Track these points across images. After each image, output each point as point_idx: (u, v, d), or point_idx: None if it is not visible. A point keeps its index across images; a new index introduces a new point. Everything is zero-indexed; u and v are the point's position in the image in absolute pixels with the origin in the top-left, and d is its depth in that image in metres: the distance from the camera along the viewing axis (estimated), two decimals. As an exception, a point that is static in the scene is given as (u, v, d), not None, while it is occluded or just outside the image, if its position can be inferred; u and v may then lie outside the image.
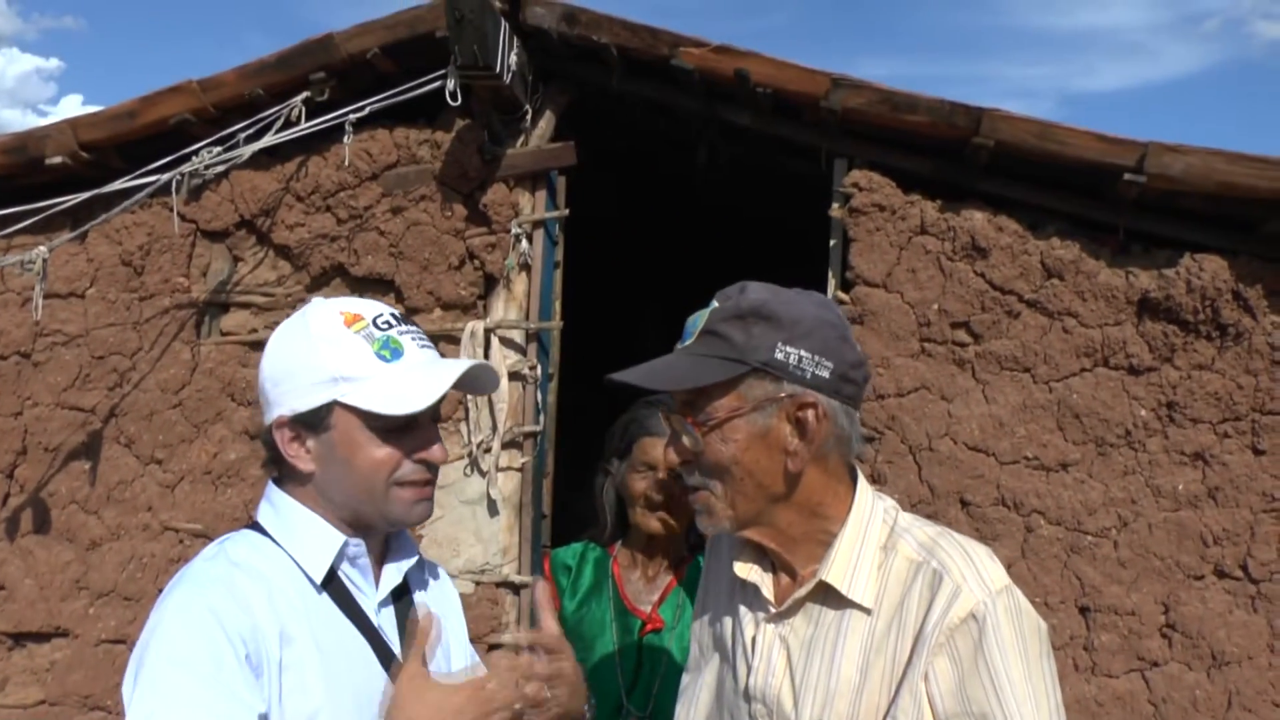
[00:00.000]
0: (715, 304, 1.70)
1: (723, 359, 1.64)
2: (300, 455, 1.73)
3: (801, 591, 1.71)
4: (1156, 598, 3.96)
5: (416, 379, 1.72)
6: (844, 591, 1.68)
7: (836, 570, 1.68)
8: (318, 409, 1.70)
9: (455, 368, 1.76)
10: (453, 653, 1.95)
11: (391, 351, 1.73)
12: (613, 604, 2.86)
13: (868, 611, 1.67)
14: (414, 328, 1.80)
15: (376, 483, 1.72)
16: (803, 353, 1.64)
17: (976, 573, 1.63)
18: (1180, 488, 3.97)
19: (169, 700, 1.52)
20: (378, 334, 1.74)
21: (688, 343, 1.70)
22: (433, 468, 1.78)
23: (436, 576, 2.02)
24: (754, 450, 1.66)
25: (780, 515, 1.71)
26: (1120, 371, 4.04)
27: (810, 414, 1.64)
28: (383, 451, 1.72)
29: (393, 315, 1.79)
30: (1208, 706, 3.88)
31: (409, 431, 1.74)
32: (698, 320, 1.70)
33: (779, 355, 1.63)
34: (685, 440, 1.69)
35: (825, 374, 1.65)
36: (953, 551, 1.67)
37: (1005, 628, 1.59)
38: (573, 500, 4.81)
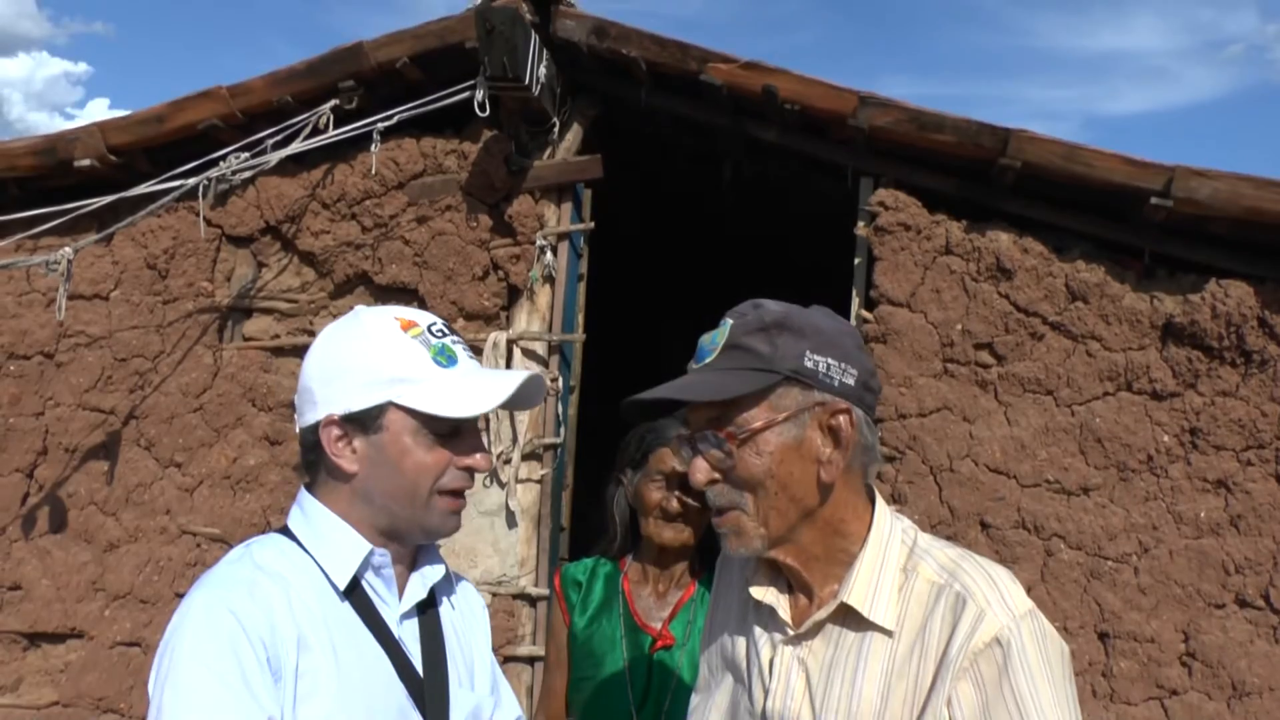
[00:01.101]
0: (730, 321, 1.68)
1: (753, 370, 1.62)
2: (345, 455, 1.72)
3: (822, 614, 1.68)
4: (1177, 625, 3.93)
5: (473, 384, 1.73)
6: (866, 614, 1.65)
7: (858, 592, 1.66)
8: (370, 409, 1.70)
9: (514, 377, 1.77)
10: (476, 669, 1.95)
11: (447, 358, 1.74)
12: (623, 620, 2.83)
13: (889, 634, 1.65)
14: (461, 339, 1.82)
15: (421, 488, 1.72)
16: (830, 360, 1.63)
17: (1000, 596, 1.61)
18: (1202, 515, 3.94)
19: (190, 698, 1.53)
20: (433, 340, 1.75)
21: (708, 360, 1.67)
22: (473, 476, 1.79)
23: (463, 590, 2.01)
24: (788, 461, 1.64)
25: (806, 533, 1.69)
26: (1143, 396, 4.02)
27: (843, 420, 1.63)
28: (430, 456, 1.72)
29: (445, 325, 1.81)
30: (1227, 736, 3.85)
31: (456, 438, 1.74)
32: (715, 338, 1.68)
33: (808, 363, 1.62)
34: (715, 454, 1.66)
35: (851, 381, 1.64)
36: (976, 575, 1.65)
37: (1031, 652, 1.57)
38: (590, 513, 4.82)
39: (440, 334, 1.77)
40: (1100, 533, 4.01)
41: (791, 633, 1.72)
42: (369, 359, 1.71)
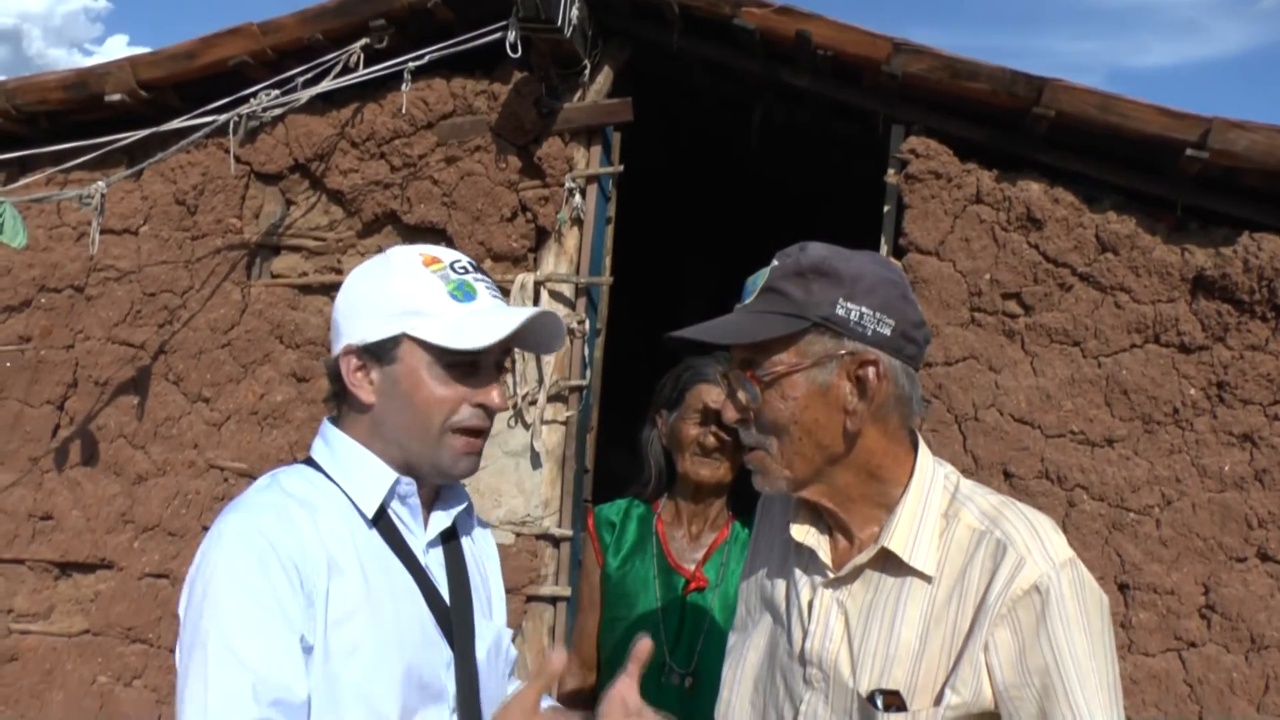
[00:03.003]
0: (775, 263, 1.69)
1: (783, 315, 1.63)
2: (363, 385, 1.75)
3: (863, 557, 1.69)
4: (1197, 578, 3.94)
5: (484, 319, 1.75)
6: (906, 559, 1.66)
7: (899, 537, 1.67)
8: (385, 340, 1.73)
9: (521, 311, 1.78)
10: (494, 599, 1.97)
11: (464, 293, 1.76)
12: (656, 561, 2.84)
13: (929, 579, 1.66)
14: (487, 278, 1.83)
15: (433, 423, 1.74)
16: (864, 309, 1.62)
17: (1041, 544, 1.61)
18: (1226, 468, 3.94)
19: (228, 617, 1.56)
20: (454, 276, 1.77)
21: (748, 301, 1.68)
22: (490, 415, 1.79)
23: (482, 526, 2.04)
24: (813, 408, 1.65)
25: (838, 476, 1.70)
26: (1171, 349, 4.01)
27: (871, 371, 1.63)
28: (444, 390, 1.74)
29: (470, 263, 1.82)
30: (1244, 690, 3.87)
31: (471, 375, 1.75)
32: (758, 279, 1.69)
33: (839, 311, 1.62)
34: (743, 395, 1.68)
35: (886, 331, 1.63)
36: (1017, 522, 1.65)
37: (1069, 601, 1.58)
38: (610, 455, 4.84)
39: (463, 270, 1.78)
40: (1123, 484, 4.02)
41: (831, 575, 1.73)
42: (387, 291, 1.75)
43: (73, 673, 4.80)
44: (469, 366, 1.75)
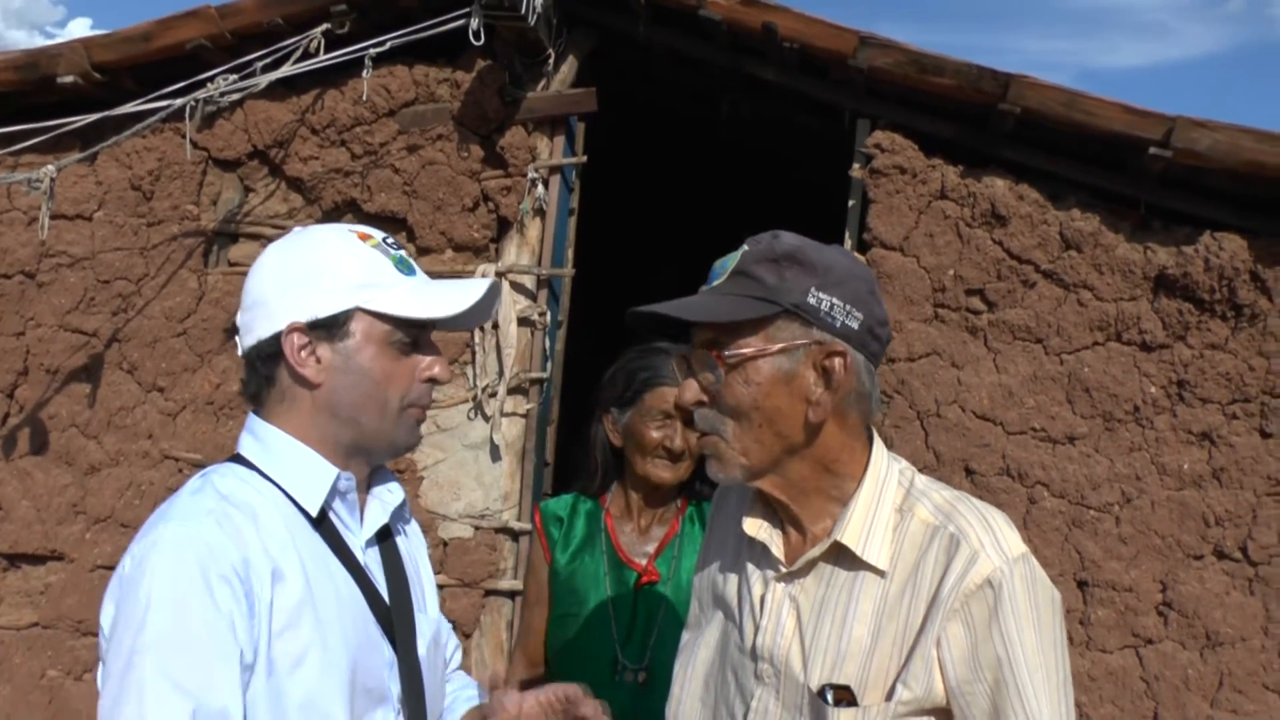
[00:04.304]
0: (746, 247, 1.66)
1: (754, 298, 1.61)
2: (309, 365, 1.66)
3: (815, 551, 1.67)
4: (1155, 575, 3.97)
5: (437, 290, 1.72)
6: (859, 553, 1.64)
7: (851, 531, 1.65)
8: (337, 314, 1.66)
9: (477, 284, 1.75)
10: (427, 592, 1.92)
11: (408, 268, 1.73)
12: (606, 557, 2.80)
13: (881, 574, 1.64)
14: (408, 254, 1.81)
15: (391, 398, 1.69)
16: (835, 300, 1.61)
17: (994, 539, 1.60)
18: (1185, 467, 3.96)
19: (162, 640, 1.48)
20: (391, 251, 1.73)
21: (716, 283, 1.66)
22: (432, 391, 1.77)
23: (410, 518, 1.97)
24: (776, 395, 1.62)
25: (794, 467, 1.67)
26: (1133, 347, 4.03)
27: (838, 362, 1.61)
28: (399, 364, 1.69)
29: (395, 240, 1.79)
30: (1199, 686, 3.89)
31: (416, 348, 1.72)
32: (727, 262, 1.67)
33: (810, 300, 1.60)
34: (707, 376, 1.65)
35: (854, 325, 1.62)
36: (970, 516, 1.64)
37: (1021, 596, 1.57)
38: (573, 449, 4.81)
39: (396, 246, 1.75)
40: (1084, 482, 4.03)
41: (784, 570, 1.71)
42: (333, 265, 1.68)
43: (21, 666, 4.72)
44: (414, 342, 1.71)
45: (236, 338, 1.74)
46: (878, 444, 1.73)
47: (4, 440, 4.80)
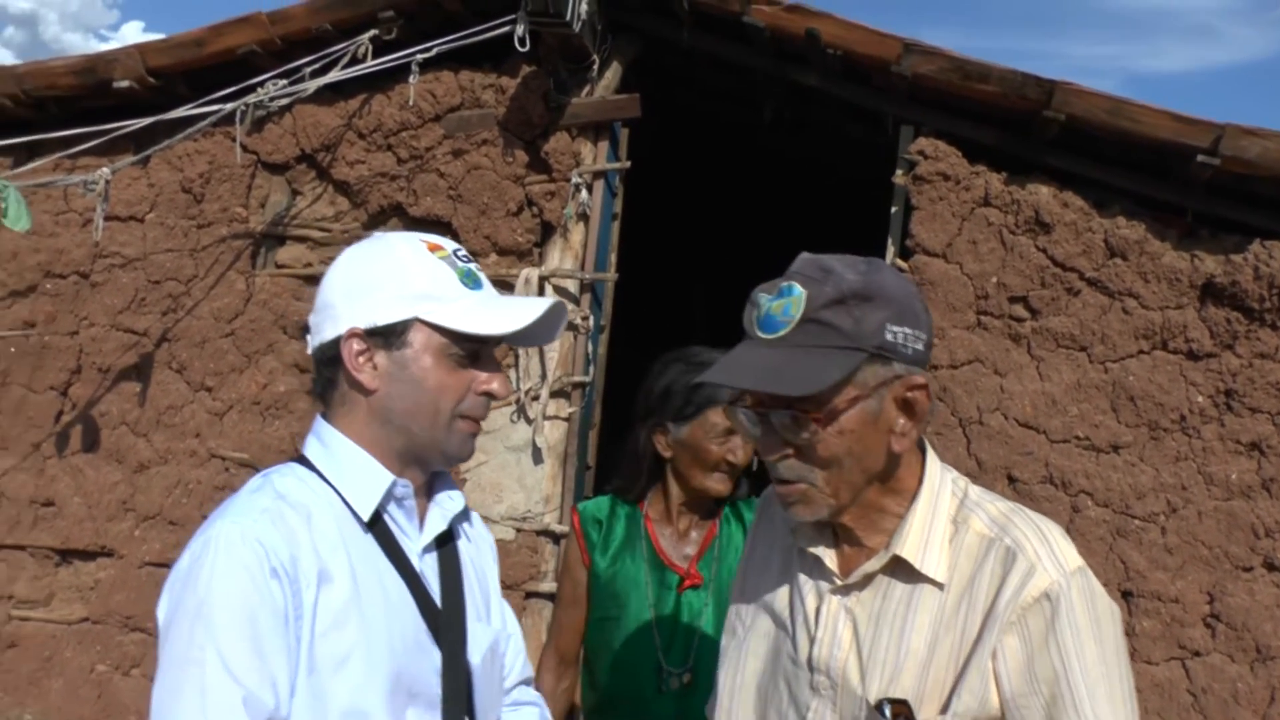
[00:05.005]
0: (802, 289, 1.59)
1: (839, 349, 1.56)
2: (365, 370, 1.70)
3: (873, 564, 1.66)
4: (1202, 587, 3.91)
5: (499, 307, 1.73)
6: (917, 566, 1.63)
7: (910, 544, 1.64)
8: (395, 324, 1.68)
9: (539, 302, 1.76)
10: (492, 601, 1.95)
11: (473, 281, 1.74)
12: (647, 560, 2.81)
13: (939, 586, 1.63)
14: (480, 268, 1.81)
15: (444, 408, 1.70)
16: (906, 329, 1.58)
17: (1051, 551, 1.59)
18: (1234, 477, 3.91)
19: (220, 634, 1.53)
20: (459, 264, 1.74)
21: (783, 332, 1.59)
22: (489, 405, 1.78)
23: (482, 527, 2.00)
24: (866, 437, 1.60)
25: (866, 495, 1.67)
26: (1179, 356, 3.98)
27: (920, 395, 1.59)
28: (454, 377, 1.70)
29: (468, 253, 1.81)
30: (1249, 700, 3.83)
31: (476, 362, 1.73)
32: (789, 308, 1.59)
33: (889, 336, 1.56)
34: (800, 435, 1.60)
35: (921, 347, 1.60)
36: (1026, 529, 1.62)
37: (1079, 609, 1.55)
38: (613, 452, 4.82)
39: (465, 259, 1.76)
40: (1128, 491, 3.99)
41: (839, 582, 1.70)
42: (397, 274, 1.70)
43: (71, 660, 4.80)
44: (473, 355, 1.72)
45: (308, 337, 1.78)
46: (931, 455, 1.72)
47: (57, 437, 4.90)
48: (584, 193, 4.46)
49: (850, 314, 1.56)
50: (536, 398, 4.46)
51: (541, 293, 4.47)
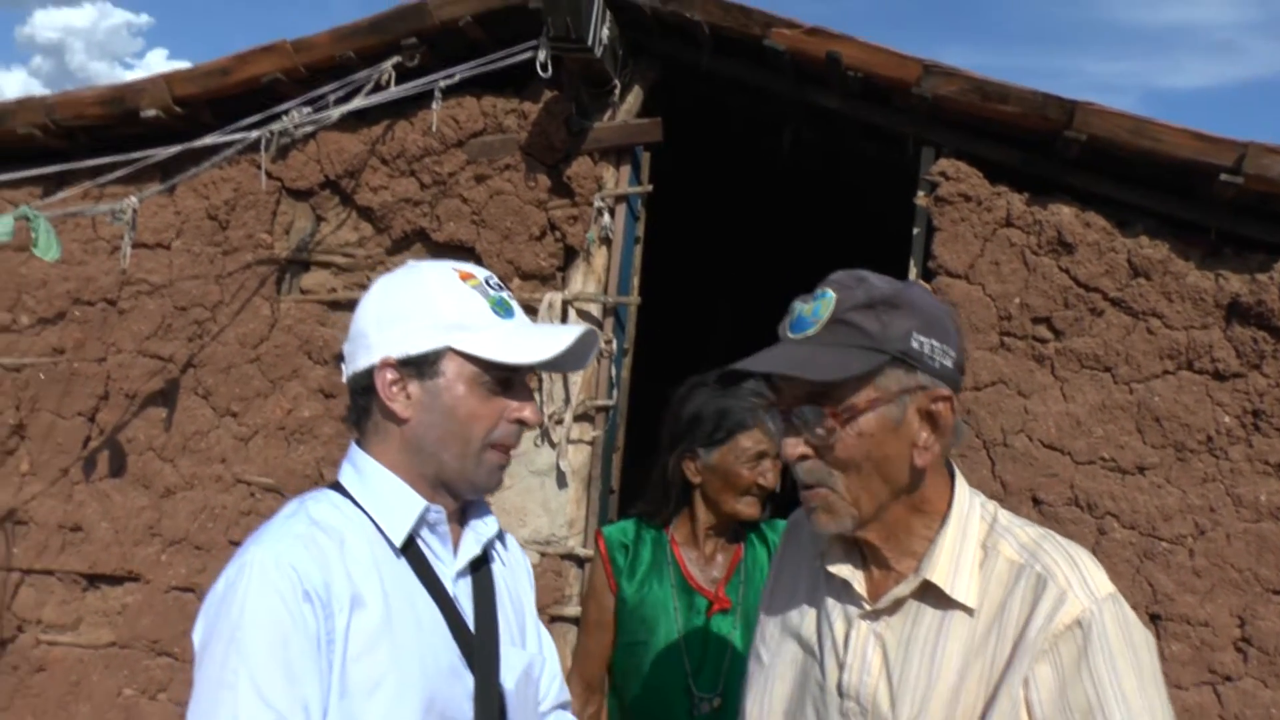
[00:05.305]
0: (833, 293, 1.63)
1: (862, 348, 1.58)
2: (399, 400, 1.72)
3: (903, 589, 1.66)
4: (1232, 610, 3.87)
5: (531, 335, 1.75)
6: (948, 591, 1.63)
7: (941, 569, 1.64)
8: (428, 353, 1.70)
9: (571, 329, 1.77)
10: (527, 625, 1.95)
11: (505, 310, 1.76)
12: (675, 584, 2.82)
13: (970, 612, 1.63)
14: (513, 295, 1.83)
15: (474, 437, 1.72)
16: (934, 341, 1.60)
17: (1082, 578, 1.59)
18: (1263, 498, 3.87)
19: (253, 659, 1.55)
20: (491, 292, 1.76)
21: (810, 331, 1.63)
22: (521, 433, 1.80)
23: (510, 545, 2.01)
24: (886, 444, 1.61)
25: (893, 511, 1.67)
26: (1205, 376, 3.95)
27: (944, 407, 1.61)
28: (485, 406, 1.72)
29: (499, 280, 1.82)
30: (1280, 724, 3.79)
31: (507, 391, 1.75)
32: (818, 309, 1.63)
33: (914, 344, 1.58)
34: (819, 433, 1.62)
35: (950, 364, 1.61)
36: (1057, 555, 1.62)
37: (1114, 637, 1.55)
38: (636, 475, 4.83)
39: (497, 287, 1.78)
40: (1155, 513, 3.96)
41: (868, 607, 1.70)
42: (429, 304, 1.72)
43: (99, 684, 4.83)
44: (505, 383, 1.74)
45: (342, 365, 1.81)
46: (959, 478, 1.72)
47: (85, 463, 4.94)
48: (606, 216, 4.48)
49: (878, 318, 1.59)
50: (560, 422, 4.47)
51: (565, 317, 4.48)
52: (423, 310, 1.72)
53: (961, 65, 4.10)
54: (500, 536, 1.93)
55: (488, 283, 1.77)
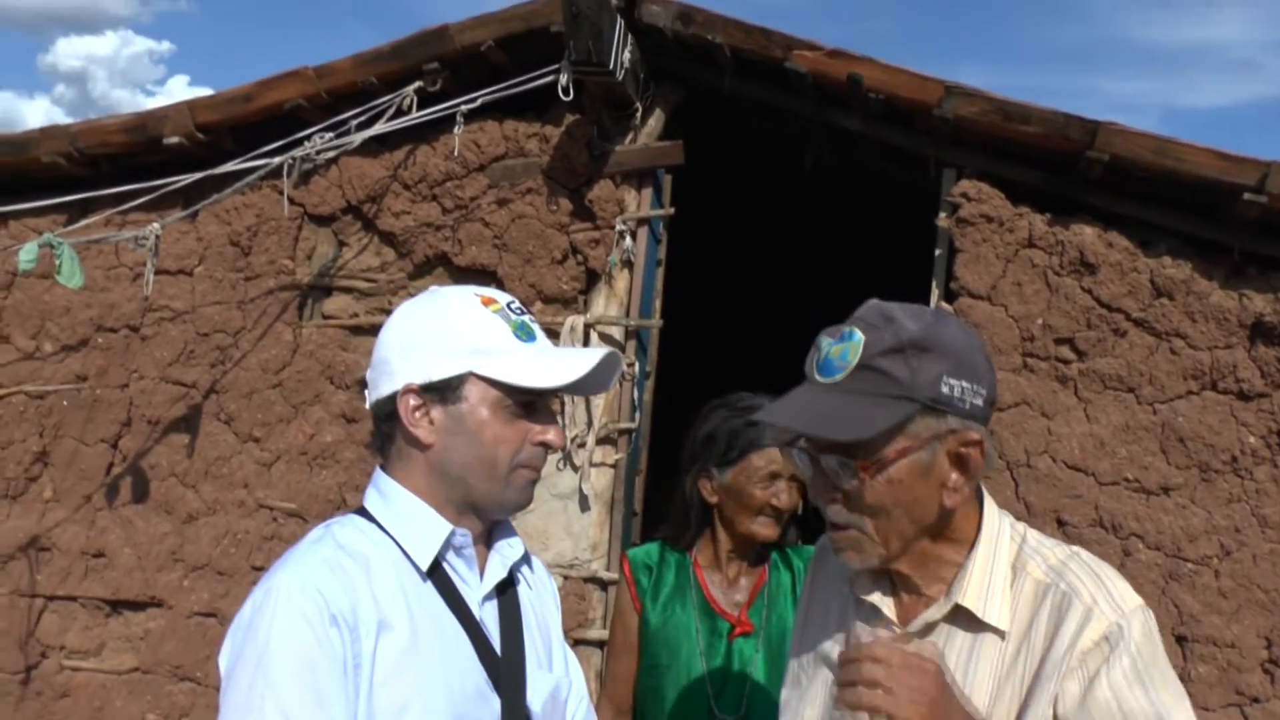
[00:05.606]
0: (861, 335, 1.61)
1: (892, 398, 1.56)
2: (422, 426, 1.73)
3: (934, 613, 1.66)
4: (1259, 631, 3.86)
5: (553, 358, 1.76)
6: (979, 614, 1.63)
7: (972, 593, 1.64)
8: (450, 379, 1.71)
9: (594, 352, 1.78)
10: (554, 648, 1.95)
11: (526, 334, 1.77)
12: (698, 608, 2.82)
13: (1001, 635, 1.63)
14: (536, 321, 1.83)
15: (500, 461, 1.73)
16: (964, 384, 1.57)
17: (1108, 594, 1.59)
18: (1289, 519, 3.86)
19: (279, 684, 1.55)
20: (513, 316, 1.77)
21: (838, 377, 1.60)
22: (546, 454, 1.80)
23: (536, 568, 2.01)
24: (915, 488, 1.60)
25: (921, 544, 1.67)
26: (1229, 396, 3.95)
27: (974, 451, 1.59)
28: (510, 429, 1.73)
29: (521, 304, 1.83)
30: (1309, 746, 3.77)
31: (531, 414, 1.75)
32: (846, 354, 1.61)
33: (944, 389, 1.56)
34: (849, 482, 1.61)
35: (980, 402, 1.59)
36: (1082, 573, 1.62)
37: (1143, 648, 1.55)
38: (658, 499, 4.83)
39: (519, 312, 1.79)
40: (1180, 534, 3.95)
41: (899, 631, 1.68)
42: (450, 330, 1.73)
43: (122, 710, 4.83)
44: (528, 406, 1.75)
45: (366, 391, 1.81)
46: (988, 501, 1.72)
47: (108, 489, 4.95)
48: (628, 240, 4.49)
49: (907, 364, 1.57)
50: (583, 445, 4.48)
51: (587, 340, 4.49)
52: (445, 336, 1.73)
53: (981, 86, 4.10)
54: (526, 559, 1.93)
55: (510, 307, 1.78)
